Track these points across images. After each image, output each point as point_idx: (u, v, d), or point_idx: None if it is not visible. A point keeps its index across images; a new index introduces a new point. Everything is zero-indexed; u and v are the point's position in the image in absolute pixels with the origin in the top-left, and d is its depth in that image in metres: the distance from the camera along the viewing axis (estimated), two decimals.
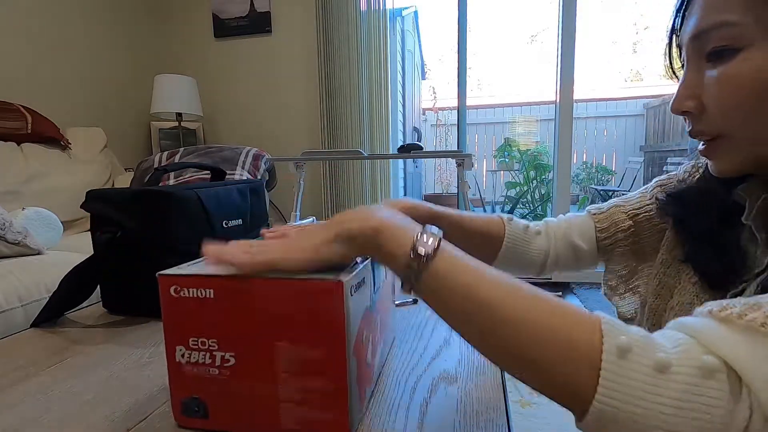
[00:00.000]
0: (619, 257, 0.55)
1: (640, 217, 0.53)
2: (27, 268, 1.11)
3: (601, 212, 0.55)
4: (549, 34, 4.86)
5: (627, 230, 0.53)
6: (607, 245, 0.55)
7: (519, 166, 4.01)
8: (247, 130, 2.73)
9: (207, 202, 0.67)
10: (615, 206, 0.55)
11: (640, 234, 0.53)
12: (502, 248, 0.54)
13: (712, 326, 0.25)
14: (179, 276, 0.33)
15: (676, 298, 0.44)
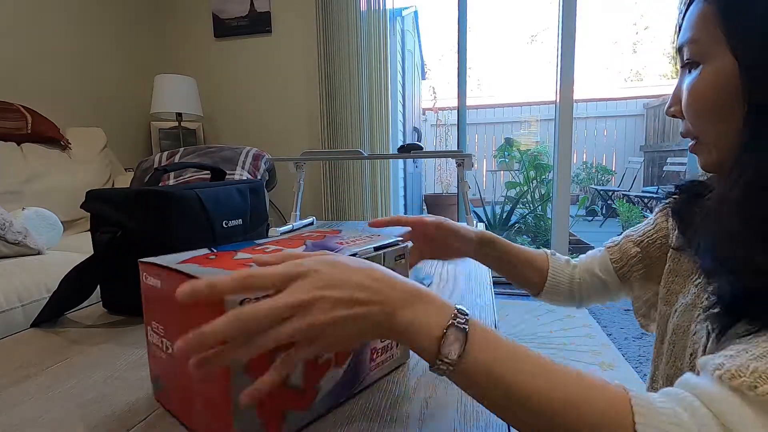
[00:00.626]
0: (640, 283, 0.58)
1: (644, 242, 0.57)
2: (27, 268, 1.11)
3: (615, 245, 0.60)
4: (549, 34, 4.86)
5: (635, 257, 0.57)
6: (624, 273, 0.59)
7: (519, 166, 4.01)
8: (247, 130, 2.73)
9: (207, 202, 0.67)
10: (626, 237, 0.59)
11: (650, 258, 0.56)
12: (548, 280, 0.63)
13: (725, 397, 0.26)
14: (146, 263, 0.36)
15: (681, 301, 0.46)
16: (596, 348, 1.78)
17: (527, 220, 3.54)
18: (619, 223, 3.93)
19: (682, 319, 0.45)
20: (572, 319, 2.08)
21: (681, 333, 0.44)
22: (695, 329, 0.42)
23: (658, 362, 0.51)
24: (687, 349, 0.43)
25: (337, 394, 0.37)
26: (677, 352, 0.45)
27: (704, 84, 0.38)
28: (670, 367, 0.46)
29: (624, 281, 0.59)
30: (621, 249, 0.59)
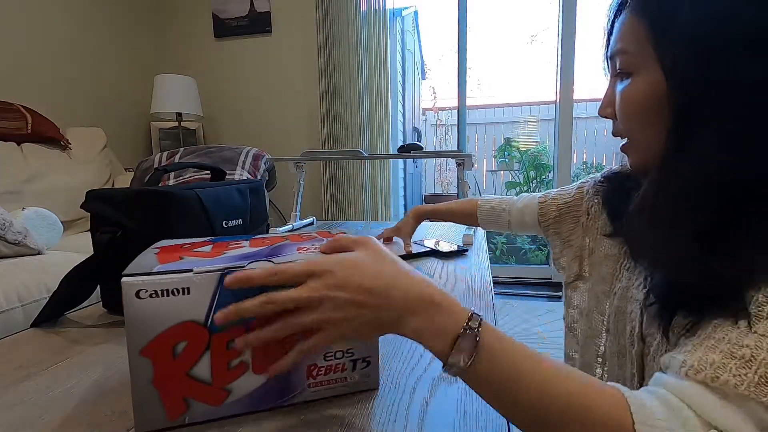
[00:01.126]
0: (551, 237, 0.71)
1: (563, 209, 0.68)
2: (27, 268, 1.11)
3: (545, 201, 0.72)
4: (549, 34, 4.86)
5: (554, 218, 0.69)
6: (544, 226, 0.72)
7: (519, 166, 4.01)
8: (247, 130, 2.73)
9: (207, 202, 0.68)
10: (553, 198, 0.71)
11: (562, 223, 0.68)
12: (479, 220, 0.85)
13: (695, 391, 0.29)
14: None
15: (617, 285, 0.52)
16: None
17: None
18: None
19: (620, 302, 0.50)
20: None
21: (620, 314, 0.49)
22: (631, 308, 0.47)
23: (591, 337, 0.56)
24: (626, 326, 0.47)
25: (258, 399, 0.37)
26: (620, 330, 0.49)
27: (635, 92, 0.41)
28: (614, 344, 0.50)
29: (543, 231, 0.72)
30: (546, 209, 0.71)
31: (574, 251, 0.64)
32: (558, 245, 0.68)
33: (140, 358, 0.33)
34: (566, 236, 0.67)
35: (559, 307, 2.26)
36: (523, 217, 0.76)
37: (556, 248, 0.69)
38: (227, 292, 0.34)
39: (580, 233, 0.64)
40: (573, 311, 0.61)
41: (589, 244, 0.61)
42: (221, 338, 0.35)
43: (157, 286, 0.33)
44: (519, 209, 0.78)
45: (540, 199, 0.73)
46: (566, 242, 0.66)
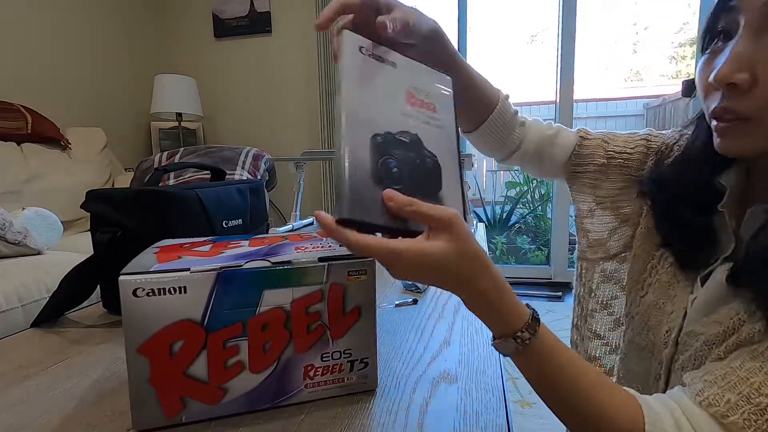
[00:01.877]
0: (581, 188, 0.57)
1: (615, 160, 0.54)
2: (27, 268, 1.11)
3: (588, 138, 0.57)
4: (549, 34, 4.86)
5: (599, 166, 0.55)
6: (575, 171, 0.58)
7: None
8: (247, 130, 2.73)
9: (207, 202, 0.67)
10: (603, 140, 0.56)
11: (608, 176, 0.55)
12: (487, 120, 0.55)
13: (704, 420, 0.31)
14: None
15: (654, 277, 0.47)
16: None
17: (527, 220, 3.54)
18: None
19: (658, 297, 0.46)
20: None
21: (655, 309, 0.46)
22: (672, 309, 0.44)
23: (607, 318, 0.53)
24: (663, 325, 0.45)
25: (255, 399, 0.37)
26: (652, 326, 0.46)
27: None
28: (641, 336, 0.48)
29: (568, 174, 0.58)
30: (590, 149, 0.56)
31: (619, 217, 0.53)
32: (588, 202, 0.56)
33: (138, 357, 0.33)
34: (607, 194, 0.54)
35: (559, 307, 2.26)
36: (545, 146, 0.58)
37: (585, 204, 0.56)
38: (224, 291, 0.34)
39: (637, 199, 0.52)
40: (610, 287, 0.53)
41: (645, 215, 0.50)
42: (218, 337, 0.35)
43: (154, 285, 0.33)
44: (546, 136, 0.58)
45: (581, 134, 0.57)
46: (607, 202, 0.54)
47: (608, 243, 0.54)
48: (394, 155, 0.33)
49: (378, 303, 0.40)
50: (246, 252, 0.39)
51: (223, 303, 0.34)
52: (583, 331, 0.57)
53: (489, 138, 0.57)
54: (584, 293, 0.56)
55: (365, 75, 0.34)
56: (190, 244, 0.42)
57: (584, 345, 0.56)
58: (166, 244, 0.43)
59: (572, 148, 0.57)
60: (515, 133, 0.57)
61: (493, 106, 0.54)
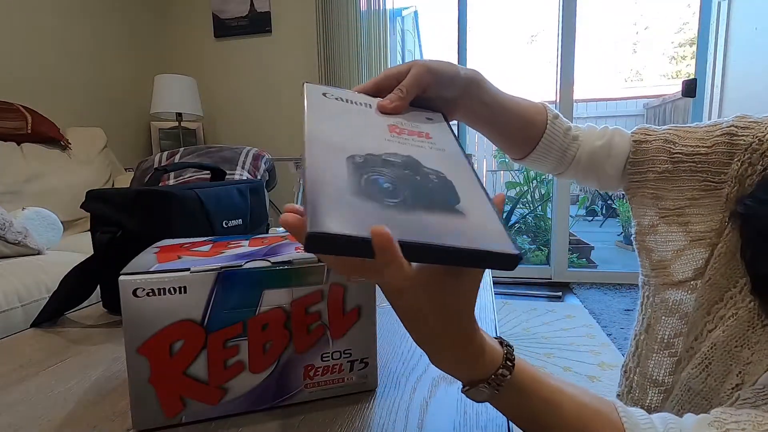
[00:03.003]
0: (642, 200, 0.47)
1: (684, 165, 0.43)
2: (27, 268, 1.11)
3: (646, 140, 0.47)
4: (549, 34, 4.86)
5: (660, 173, 0.45)
6: (633, 181, 0.48)
7: (519, 166, 4.01)
8: (247, 130, 2.73)
9: (207, 202, 0.67)
10: (666, 140, 0.46)
11: (675, 183, 0.44)
12: (538, 146, 0.50)
13: None
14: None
15: (730, 309, 0.38)
16: (596, 348, 1.78)
17: (527, 220, 3.54)
18: (619, 223, 3.93)
19: (729, 335, 0.37)
20: (572, 319, 2.08)
21: (726, 352, 0.37)
22: (749, 358, 0.36)
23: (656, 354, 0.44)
24: (732, 376, 0.37)
25: (255, 399, 0.37)
26: (714, 371, 0.38)
27: None
28: (698, 380, 0.39)
29: (627, 186, 0.49)
30: (649, 155, 0.46)
31: (689, 234, 0.43)
32: (650, 216, 0.46)
33: (137, 356, 0.33)
34: (673, 206, 0.44)
35: (559, 307, 2.26)
36: (598, 160, 0.50)
37: (646, 219, 0.46)
38: (224, 291, 0.34)
39: (717, 206, 0.41)
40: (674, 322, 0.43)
41: (729, 229, 0.40)
42: (218, 337, 0.35)
43: (154, 285, 0.33)
44: (595, 148, 0.51)
45: (636, 137, 0.48)
46: (674, 215, 0.44)
47: (673, 266, 0.44)
48: (383, 173, 0.28)
49: (378, 303, 0.40)
50: (246, 252, 0.39)
51: (223, 303, 0.34)
52: (633, 378, 0.47)
53: (542, 161, 0.52)
54: (641, 329, 0.47)
55: (333, 111, 0.33)
56: (190, 244, 0.42)
57: (634, 395, 0.47)
58: (166, 244, 0.43)
59: (625, 158, 0.48)
60: (569, 151, 0.52)
61: (541, 131, 0.50)
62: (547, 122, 0.50)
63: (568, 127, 0.51)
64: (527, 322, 2.07)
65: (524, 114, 0.48)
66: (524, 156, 0.52)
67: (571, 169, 0.53)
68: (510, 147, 0.52)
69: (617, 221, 4.08)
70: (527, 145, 0.51)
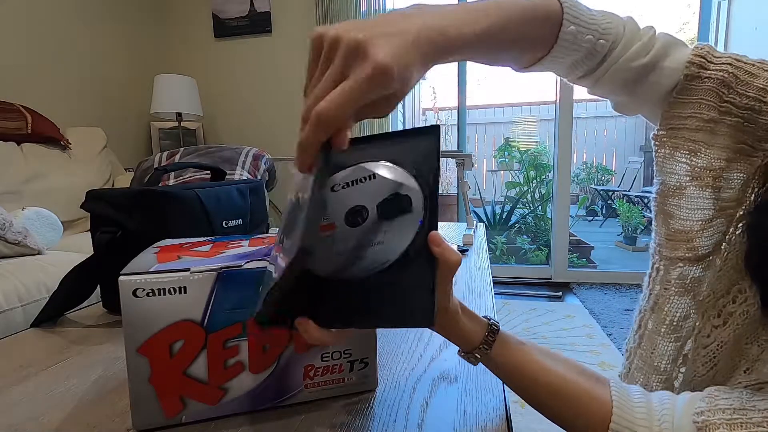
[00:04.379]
0: (670, 151, 0.39)
1: (733, 117, 0.36)
2: (27, 268, 1.11)
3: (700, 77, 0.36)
4: None
5: (707, 122, 0.37)
6: (671, 123, 0.38)
7: (519, 166, 4.01)
8: (247, 130, 2.73)
9: (207, 202, 0.68)
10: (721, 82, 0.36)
11: (715, 134, 0.37)
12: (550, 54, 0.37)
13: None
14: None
15: (740, 305, 0.36)
16: (596, 348, 1.78)
17: (527, 220, 3.54)
18: (619, 223, 3.93)
19: (740, 332, 0.36)
20: (572, 319, 2.08)
21: (733, 349, 0.36)
22: (759, 355, 0.35)
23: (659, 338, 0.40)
24: (738, 373, 0.36)
25: (254, 399, 0.37)
26: (721, 369, 0.37)
27: None
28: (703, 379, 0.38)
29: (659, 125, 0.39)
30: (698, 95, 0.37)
31: (718, 201, 0.37)
32: (680, 174, 0.38)
33: (137, 357, 0.33)
34: (710, 165, 0.37)
35: (559, 307, 2.26)
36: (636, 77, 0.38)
37: (674, 177, 0.38)
38: (224, 291, 0.34)
39: (745, 174, 0.36)
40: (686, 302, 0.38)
41: (750, 203, 0.36)
42: (218, 337, 0.35)
43: (154, 285, 0.33)
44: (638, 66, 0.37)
45: (688, 71, 0.36)
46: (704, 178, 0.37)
47: (698, 239, 0.37)
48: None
49: None
50: (246, 252, 0.39)
51: (223, 303, 0.34)
52: (633, 360, 0.44)
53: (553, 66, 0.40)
54: (646, 306, 0.42)
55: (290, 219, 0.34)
56: (190, 244, 0.42)
57: (633, 379, 0.44)
58: (166, 244, 0.43)
59: (670, 89, 0.38)
60: (594, 57, 0.38)
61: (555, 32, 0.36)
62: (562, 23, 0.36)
63: (588, 38, 0.36)
64: (527, 322, 2.06)
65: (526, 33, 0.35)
66: (529, 66, 0.40)
67: (588, 78, 0.40)
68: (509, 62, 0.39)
69: (617, 221, 4.08)
70: (533, 57, 0.38)
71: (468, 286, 0.74)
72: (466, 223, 1.18)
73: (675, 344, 0.40)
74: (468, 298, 0.68)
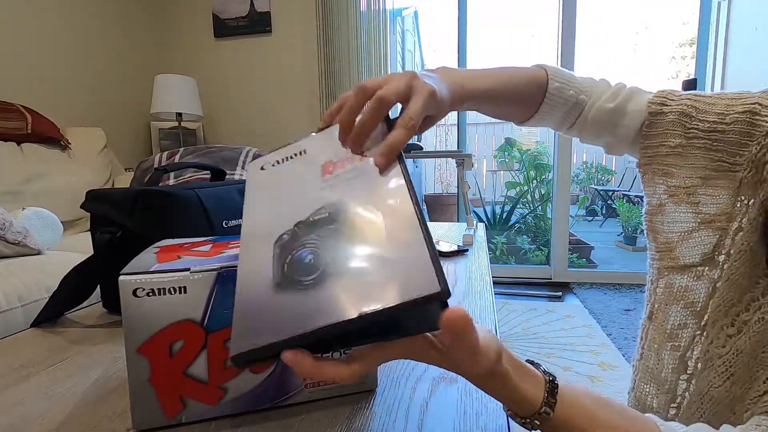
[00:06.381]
0: (652, 176, 0.45)
1: (700, 142, 0.41)
2: (27, 268, 1.11)
3: (662, 111, 0.44)
4: (549, 33, 4.89)
5: (673, 148, 0.42)
6: (646, 155, 0.45)
7: (519, 166, 4.01)
8: (247, 130, 2.73)
9: (207, 202, 0.67)
10: (682, 112, 0.43)
11: (687, 160, 0.42)
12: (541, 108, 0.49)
13: None
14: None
15: (755, 313, 0.37)
16: (596, 348, 1.78)
17: (527, 220, 3.54)
18: (619, 223, 3.93)
19: (757, 340, 0.36)
20: (572, 319, 2.08)
21: (751, 357, 0.36)
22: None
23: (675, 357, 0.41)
24: (759, 382, 0.35)
25: (254, 399, 0.37)
26: (740, 378, 0.36)
27: None
28: (722, 389, 0.37)
29: (637, 157, 0.47)
30: (663, 128, 0.43)
31: (698, 216, 0.40)
32: (659, 194, 0.44)
33: (137, 357, 0.33)
34: (683, 184, 0.42)
35: (559, 307, 2.26)
36: (605, 123, 0.48)
37: (655, 198, 0.44)
38: (224, 291, 0.34)
39: (729, 189, 0.39)
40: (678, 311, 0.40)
41: (743, 214, 0.38)
42: (218, 337, 0.35)
43: (154, 285, 0.33)
44: (606, 111, 0.47)
45: (651, 108, 0.45)
46: (683, 194, 0.42)
47: (678, 248, 0.41)
48: (308, 242, 0.29)
49: None
50: None
51: (223, 303, 0.34)
52: (638, 373, 0.45)
53: (546, 121, 0.51)
54: (645, 317, 0.45)
55: (268, 188, 0.37)
56: (190, 244, 0.42)
57: (638, 391, 0.44)
58: (166, 244, 0.43)
59: (639, 126, 0.45)
60: (574, 111, 0.50)
61: (540, 98, 0.48)
62: (547, 75, 0.48)
63: (570, 93, 0.49)
64: (527, 322, 2.07)
65: (521, 91, 0.47)
66: (526, 120, 0.52)
67: (575, 127, 0.51)
68: (510, 116, 0.51)
69: (617, 221, 4.08)
70: (528, 112, 0.50)
71: (468, 286, 0.74)
72: (466, 223, 1.18)
73: (674, 353, 0.41)
74: (468, 298, 0.68)
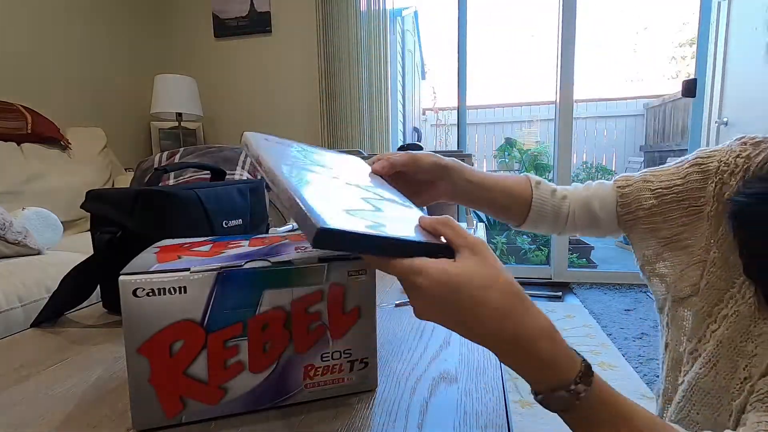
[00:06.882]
0: (641, 235, 0.51)
1: (667, 198, 0.48)
2: (27, 268, 1.11)
3: (628, 185, 0.52)
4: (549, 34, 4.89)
5: (649, 209, 0.50)
6: (627, 221, 0.52)
7: (519, 166, 4.01)
8: (247, 130, 2.73)
9: (207, 202, 0.67)
10: (643, 180, 0.51)
11: (664, 215, 0.48)
12: (531, 213, 0.57)
13: None
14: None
15: (732, 308, 0.41)
16: (596, 348, 1.78)
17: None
18: None
19: (733, 332, 0.40)
20: (572, 319, 2.08)
21: (732, 348, 0.40)
22: (754, 350, 0.38)
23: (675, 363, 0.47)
24: (740, 370, 0.39)
25: (254, 399, 0.37)
26: (722, 368, 0.40)
27: None
28: (707, 379, 0.41)
29: (624, 226, 0.53)
30: (633, 195, 0.51)
31: (690, 255, 0.46)
32: (653, 246, 0.50)
33: (137, 356, 0.33)
34: (673, 233, 0.48)
35: (559, 307, 2.26)
36: (591, 209, 0.55)
37: (650, 250, 0.50)
38: (224, 291, 0.34)
39: (704, 229, 0.45)
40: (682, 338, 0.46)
41: (716, 247, 0.44)
42: (218, 337, 0.35)
43: (154, 285, 0.33)
44: (584, 199, 0.56)
45: (619, 184, 0.53)
46: (673, 242, 0.48)
47: (678, 285, 0.47)
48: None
49: (378, 303, 0.40)
50: (246, 252, 0.39)
51: (223, 303, 0.34)
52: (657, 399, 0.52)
53: (540, 224, 0.58)
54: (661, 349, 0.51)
55: (278, 151, 0.42)
56: (190, 244, 0.42)
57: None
58: (166, 244, 0.43)
59: (615, 202, 0.53)
60: (562, 209, 0.57)
61: (528, 200, 0.56)
62: (532, 189, 0.57)
63: (553, 189, 0.58)
64: None
65: (508, 187, 0.56)
66: (521, 223, 0.59)
67: (569, 225, 0.58)
68: (505, 217, 0.59)
69: None
70: (521, 214, 0.57)
71: None
72: (467, 223, 1.18)
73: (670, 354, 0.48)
74: None
